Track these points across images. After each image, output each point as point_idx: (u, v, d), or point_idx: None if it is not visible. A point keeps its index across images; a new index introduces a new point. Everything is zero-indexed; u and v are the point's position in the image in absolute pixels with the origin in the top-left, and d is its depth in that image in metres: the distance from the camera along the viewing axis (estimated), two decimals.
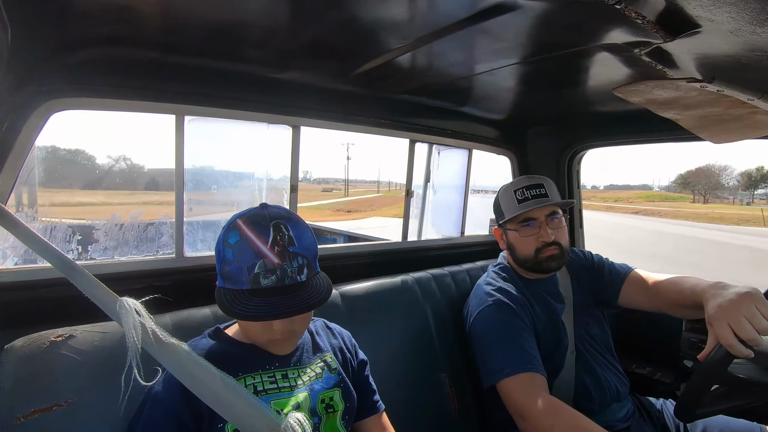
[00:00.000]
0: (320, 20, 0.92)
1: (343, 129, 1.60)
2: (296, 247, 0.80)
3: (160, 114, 1.21)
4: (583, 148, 2.02)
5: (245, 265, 0.76)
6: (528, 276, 1.43)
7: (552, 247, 1.34)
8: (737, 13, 0.69)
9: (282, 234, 0.79)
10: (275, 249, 0.77)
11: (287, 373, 0.87)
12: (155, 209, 1.45)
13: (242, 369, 0.83)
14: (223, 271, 0.80)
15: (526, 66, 1.18)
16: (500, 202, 1.42)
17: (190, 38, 1.01)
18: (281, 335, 0.82)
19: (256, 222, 0.80)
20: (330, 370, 0.92)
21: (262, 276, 0.76)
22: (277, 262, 0.77)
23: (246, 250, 0.77)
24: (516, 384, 1.14)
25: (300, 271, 0.79)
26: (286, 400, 0.82)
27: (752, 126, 1.25)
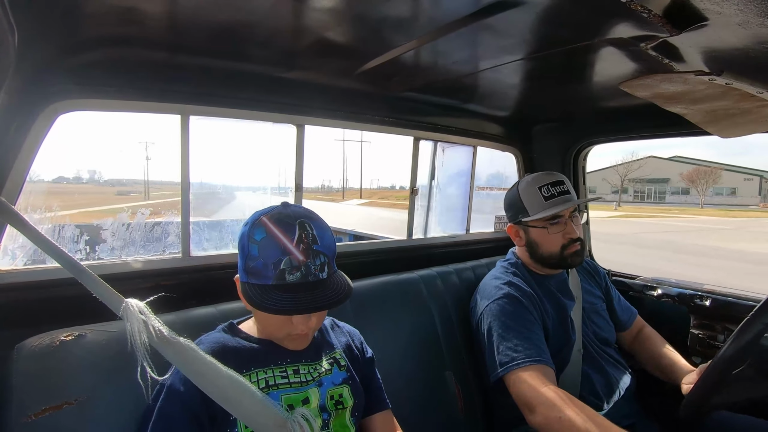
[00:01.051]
0: (325, 19, 0.92)
1: (348, 127, 1.61)
2: (319, 245, 0.82)
3: (166, 114, 1.22)
4: (589, 143, 2.00)
5: (271, 261, 0.78)
6: (540, 272, 1.43)
7: (576, 243, 1.36)
8: (745, 5, 0.68)
9: (307, 232, 0.81)
10: (300, 246, 0.79)
11: (299, 369, 0.88)
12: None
13: (254, 363, 0.85)
14: (247, 267, 0.81)
15: (531, 62, 1.17)
16: (522, 199, 1.39)
17: (196, 38, 1.02)
18: (300, 330, 0.83)
19: (281, 220, 0.81)
20: (339, 366, 0.93)
21: (287, 272, 0.78)
22: (302, 259, 0.79)
23: (272, 247, 0.79)
24: (526, 376, 1.14)
25: (322, 268, 0.81)
26: (296, 396, 0.84)
27: (761, 119, 1.24)
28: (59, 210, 1.27)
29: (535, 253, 1.40)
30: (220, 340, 0.87)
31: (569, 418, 0.99)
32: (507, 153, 2.19)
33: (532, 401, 1.09)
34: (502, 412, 1.40)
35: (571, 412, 1.00)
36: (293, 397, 0.83)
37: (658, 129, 1.74)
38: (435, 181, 2.05)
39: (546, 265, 1.40)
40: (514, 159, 2.20)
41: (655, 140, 1.96)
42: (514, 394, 1.16)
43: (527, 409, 1.11)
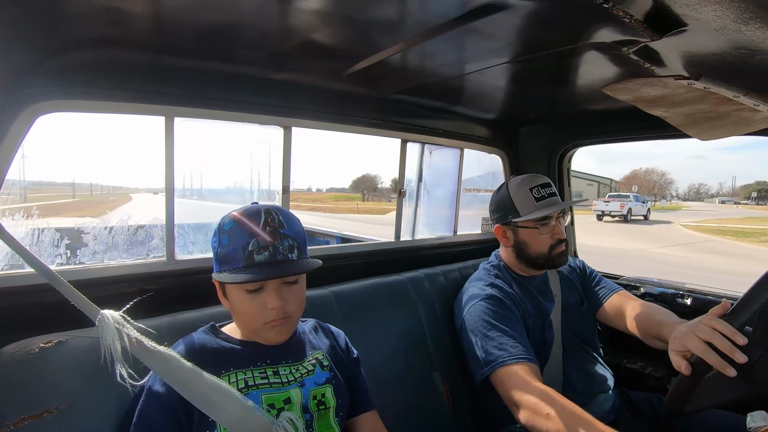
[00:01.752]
0: (313, 20, 0.92)
1: (336, 129, 1.60)
2: (286, 229, 0.86)
3: (150, 116, 1.20)
4: (573, 146, 2.04)
5: (240, 245, 0.82)
6: (523, 273, 1.45)
7: (563, 244, 1.39)
8: (722, 11, 0.70)
9: (273, 217, 0.86)
10: (267, 229, 0.84)
11: (278, 370, 0.88)
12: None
13: (234, 364, 0.85)
14: (219, 256, 0.85)
15: (517, 65, 1.19)
16: (513, 200, 1.41)
17: (182, 40, 1.00)
18: (276, 314, 0.84)
19: (248, 209, 0.87)
20: (322, 367, 0.93)
21: (255, 252, 0.82)
22: (269, 240, 0.83)
23: (240, 232, 0.83)
24: (512, 373, 1.15)
25: (291, 250, 0.85)
26: (277, 395, 0.83)
27: (738, 123, 1.28)
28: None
29: (523, 253, 1.41)
30: (199, 341, 0.88)
31: (556, 414, 1.00)
32: (494, 155, 2.21)
33: (519, 399, 1.10)
34: (489, 412, 1.41)
35: (557, 408, 1.01)
36: (274, 396, 0.83)
37: (640, 132, 1.78)
38: (422, 183, 2.06)
39: (532, 265, 1.42)
40: (500, 161, 2.22)
41: (636, 142, 2.00)
42: (501, 392, 1.16)
43: (515, 406, 1.12)
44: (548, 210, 1.35)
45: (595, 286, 1.55)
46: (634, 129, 1.77)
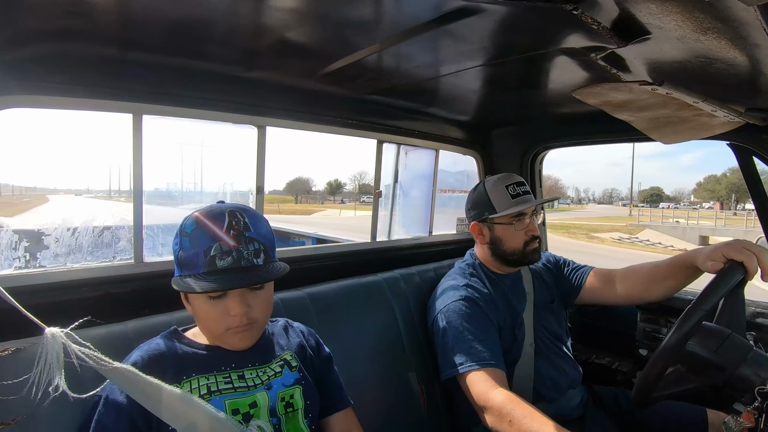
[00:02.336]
0: (287, 19, 0.90)
1: (311, 129, 1.58)
2: (252, 232, 0.82)
3: (116, 113, 1.16)
4: (545, 148, 2.09)
5: (201, 249, 0.78)
6: (498, 271, 1.48)
7: (536, 241, 1.43)
8: (683, 21, 0.74)
9: (237, 219, 0.81)
10: (230, 232, 0.79)
11: (244, 374, 0.85)
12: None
13: (196, 369, 0.82)
14: (180, 259, 0.82)
15: (490, 68, 1.21)
16: (490, 197, 1.44)
17: (149, 34, 0.97)
18: (239, 321, 0.81)
19: (211, 211, 0.82)
20: (290, 368, 0.91)
21: (218, 258, 0.78)
22: (232, 244, 0.79)
23: (202, 235, 0.79)
24: (479, 378, 1.18)
25: (257, 254, 0.81)
26: (242, 400, 0.81)
27: (697, 127, 1.34)
28: None
29: (498, 249, 1.44)
30: (158, 347, 0.84)
31: (518, 420, 1.04)
32: (468, 156, 2.24)
33: (484, 404, 1.14)
34: (463, 410, 1.43)
35: (519, 415, 1.05)
36: (239, 401, 0.81)
37: (608, 135, 1.84)
38: (398, 184, 2.07)
39: (507, 262, 1.45)
40: (475, 162, 2.26)
41: (605, 145, 2.07)
42: (468, 395, 1.20)
43: (480, 409, 1.16)
44: (523, 206, 1.39)
45: (570, 273, 1.57)
46: (602, 132, 1.83)
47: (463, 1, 0.79)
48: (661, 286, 1.38)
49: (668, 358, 1.01)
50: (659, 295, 1.40)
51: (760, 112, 1.21)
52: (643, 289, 1.41)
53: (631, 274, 1.47)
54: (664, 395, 1.04)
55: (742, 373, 0.97)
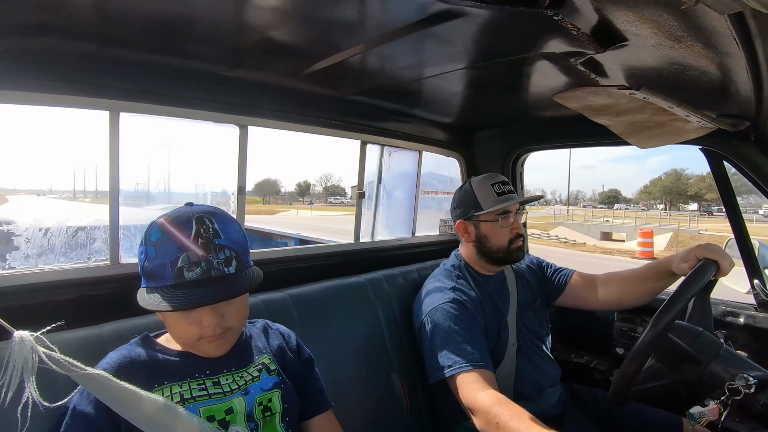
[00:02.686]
0: (271, 18, 0.89)
1: (294, 129, 1.57)
2: (222, 239, 0.78)
3: (93, 110, 1.12)
4: (526, 150, 2.12)
5: (168, 260, 0.74)
6: (483, 271, 1.49)
7: (520, 239, 1.45)
8: (658, 29, 0.76)
9: (206, 227, 0.77)
10: (199, 241, 0.75)
11: (219, 380, 0.83)
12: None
13: (168, 377, 0.79)
14: (146, 271, 0.77)
15: (473, 71, 1.22)
16: (476, 195, 1.45)
17: (129, 30, 0.94)
18: (212, 331, 0.78)
19: (178, 218, 0.77)
20: (268, 371, 0.89)
21: (186, 269, 0.74)
22: (201, 254, 0.75)
23: (168, 245, 0.75)
24: (467, 380, 1.18)
25: (228, 263, 0.77)
26: (217, 406, 0.79)
27: (672, 132, 1.38)
28: None
29: (484, 247, 1.45)
30: (129, 354, 0.80)
31: (505, 423, 1.04)
32: (451, 158, 2.26)
33: (473, 406, 1.14)
34: (445, 410, 1.43)
35: (506, 417, 1.05)
36: (214, 408, 0.78)
37: (587, 138, 1.88)
38: (382, 185, 2.07)
39: (492, 260, 1.46)
40: (458, 163, 2.28)
41: (584, 148, 2.12)
42: (457, 397, 1.20)
43: (469, 412, 1.16)
44: (508, 203, 1.42)
45: (552, 275, 1.62)
46: (582, 135, 1.87)
47: (447, 5, 0.80)
48: (637, 291, 1.46)
49: (644, 355, 1.04)
50: (635, 300, 1.48)
51: (731, 118, 1.26)
52: (621, 293, 1.49)
53: (610, 279, 1.54)
54: (641, 390, 1.07)
55: (714, 370, 1.01)
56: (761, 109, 1.13)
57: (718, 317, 1.54)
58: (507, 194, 1.44)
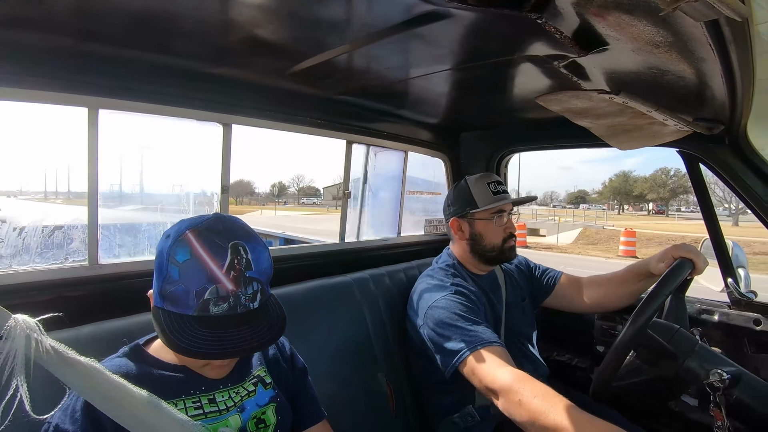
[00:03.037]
0: (256, 15, 0.88)
1: (279, 128, 1.56)
2: (253, 271, 0.72)
3: (71, 106, 1.09)
4: (510, 151, 2.15)
5: (194, 289, 0.67)
6: (476, 270, 1.50)
7: (513, 238, 1.48)
8: (638, 34, 0.78)
9: (240, 257, 0.70)
10: (231, 274, 0.69)
11: (215, 397, 0.80)
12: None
13: (162, 395, 0.73)
14: (164, 291, 0.70)
15: (459, 72, 1.23)
16: (472, 193, 1.46)
17: (109, 25, 0.92)
18: (221, 363, 0.77)
19: (211, 240, 0.70)
20: (264, 385, 0.87)
21: (212, 303, 0.68)
22: (231, 288, 0.68)
23: (197, 272, 0.68)
24: (482, 359, 1.13)
25: (254, 298, 0.72)
26: (213, 426, 0.76)
27: (651, 135, 1.42)
28: None
29: (478, 245, 1.46)
30: (121, 368, 0.75)
31: (527, 401, 0.99)
32: (436, 158, 2.27)
33: (491, 384, 1.08)
34: (433, 408, 1.44)
35: (529, 394, 1.00)
36: (210, 427, 0.76)
37: (570, 140, 1.92)
38: (367, 185, 2.07)
39: (485, 259, 1.47)
40: (443, 164, 2.29)
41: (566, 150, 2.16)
42: (475, 380, 1.14)
43: (491, 394, 1.10)
44: (504, 202, 1.44)
45: (541, 276, 1.66)
46: (565, 137, 1.90)
47: (433, 6, 0.80)
48: (618, 293, 1.51)
49: (624, 351, 1.06)
50: (617, 302, 1.53)
51: (706, 122, 1.30)
52: (603, 295, 1.53)
53: (593, 281, 1.59)
54: (620, 385, 1.10)
55: (690, 366, 1.04)
56: (735, 113, 1.17)
57: (693, 315, 1.59)
58: (502, 194, 1.47)
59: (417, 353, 1.40)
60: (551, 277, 1.65)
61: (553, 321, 1.98)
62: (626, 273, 1.50)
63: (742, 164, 1.40)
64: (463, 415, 1.35)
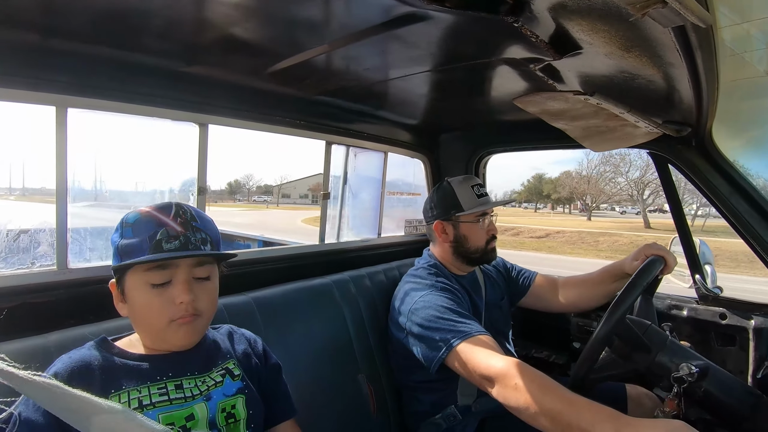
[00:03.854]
0: (232, 14, 0.87)
1: (257, 129, 1.53)
2: (199, 223, 0.81)
3: (37, 105, 1.05)
4: (488, 153, 2.18)
5: (146, 235, 0.76)
6: (457, 271, 1.52)
7: (495, 240, 1.50)
8: (610, 38, 0.80)
9: (184, 210, 0.80)
10: (178, 220, 0.78)
11: (182, 383, 0.80)
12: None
13: (127, 381, 0.75)
14: (121, 249, 0.78)
15: (438, 74, 1.24)
16: (457, 195, 1.47)
17: (77, 22, 0.89)
18: (185, 310, 0.78)
19: (156, 204, 0.81)
20: (232, 377, 0.86)
21: (164, 241, 0.76)
22: (180, 230, 0.78)
23: (147, 223, 0.77)
24: (472, 348, 1.12)
25: (204, 243, 0.80)
26: (178, 413, 0.76)
27: (623, 137, 1.46)
28: None
29: (461, 247, 1.47)
30: (84, 358, 0.76)
31: (524, 385, 0.98)
32: (416, 159, 2.28)
33: (485, 372, 1.07)
34: (413, 408, 1.45)
35: (525, 379, 0.99)
36: (175, 414, 0.75)
37: (546, 142, 1.95)
38: (347, 186, 2.06)
39: (468, 260, 1.49)
40: (423, 165, 2.30)
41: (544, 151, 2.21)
42: (466, 370, 1.13)
43: (485, 381, 1.08)
44: (489, 206, 1.46)
45: (517, 277, 1.69)
46: (542, 139, 1.94)
47: (411, 8, 0.80)
48: (592, 293, 1.55)
49: (601, 346, 1.09)
50: (591, 302, 1.57)
51: (675, 125, 1.35)
52: (578, 295, 1.58)
53: (568, 282, 1.63)
54: (596, 379, 1.13)
55: (661, 360, 1.08)
56: (701, 116, 1.22)
57: (663, 310, 1.64)
58: (485, 196, 1.49)
59: (398, 352, 1.40)
60: (526, 277, 1.68)
61: (531, 319, 2.02)
62: (602, 273, 1.55)
63: (707, 165, 1.46)
64: (445, 416, 1.36)
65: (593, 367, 1.11)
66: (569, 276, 1.67)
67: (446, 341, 1.17)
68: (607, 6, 0.67)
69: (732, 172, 1.42)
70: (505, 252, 1.70)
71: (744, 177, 1.42)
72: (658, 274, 1.28)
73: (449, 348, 1.16)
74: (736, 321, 1.51)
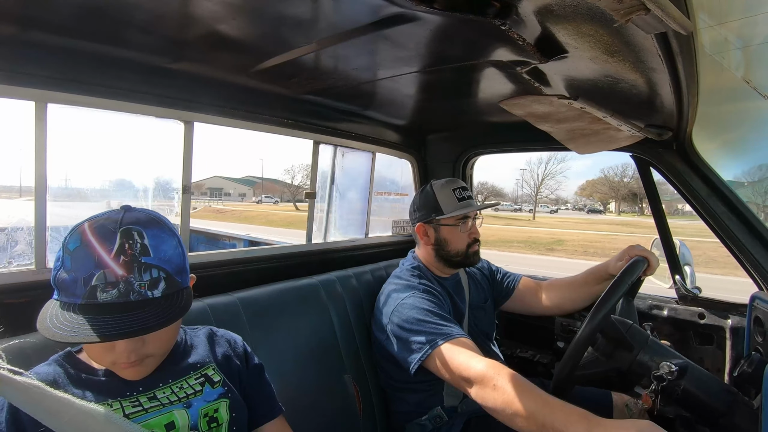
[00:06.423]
0: (219, 10, 0.86)
1: (243, 127, 1.52)
2: (151, 258, 0.69)
3: (16, 100, 1.02)
4: (475, 154, 2.20)
5: (81, 276, 0.65)
6: (440, 274, 1.52)
7: (477, 243, 1.50)
8: (594, 43, 0.82)
9: (132, 242, 0.68)
10: (120, 258, 0.66)
11: (155, 394, 0.76)
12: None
13: (96, 397, 0.71)
14: (57, 281, 0.68)
15: (425, 75, 1.24)
16: (438, 199, 1.48)
17: (56, 14, 0.87)
18: (126, 358, 0.70)
19: (103, 227, 0.68)
20: (212, 384, 0.84)
21: (100, 289, 0.65)
22: (121, 273, 0.66)
23: (85, 258, 0.66)
24: (452, 350, 1.14)
25: (153, 285, 0.68)
26: (156, 420, 0.73)
27: (607, 140, 1.49)
28: None
29: (442, 250, 1.48)
30: (48, 375, 0.72)
31: (502, 385, 1.01)
32: (403, 159, 2.29)
33: (465, 373, 1.09)
34: (399, 408, 1.45)
35: (503, 379, 1.01)
36: (152, 422, 0.72)
37: (532, 143, 1.98)
38: (335, 186, 2.06)
39: (450, 263, 1.50)
40: (410, 165, 2.31)
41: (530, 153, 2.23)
42: (445, 372, 1.14)
43: (463, 382, 1.10)
44: (469, 209, 1.46)
45: (501, 279, 1.70)
46: (528, 141, 1.97)
47: (400, 8, 0.81)
48: (575, 295, 1.58)
49: (584, 344, 1.11)
50: (574, 304, 1.60)
51: (656, 129, 1.38)
52: (561, 297, 1.60)
53: (552, 285, 1.65)
54: (579, 376, 1.15)
55: (642, 359, 1.11)
56: (681, 120, 1.25)
57: (645, 310, 1.68)
58: (467, 200, 1.49)
59: (382, 353, 1.41)
60: (511, 280, 1.70)
61: (516, 319, 2.04)
62: (586, 276, 1.58)
63: (687, 168, 1.49)
64: (431, 417, 1.37)
65: (577, 365, 1.13)
66: (553, 279, 1.69)
67: (426, 343, 1.19)
68: (592, 11, 0.68)
69: (710, 175, 1.46)
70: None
71: (722, 180, 1.46)
72: (641, 274, 1.31)
73: (429, 350, 1.18)
74: (714, 320, 1.55)
